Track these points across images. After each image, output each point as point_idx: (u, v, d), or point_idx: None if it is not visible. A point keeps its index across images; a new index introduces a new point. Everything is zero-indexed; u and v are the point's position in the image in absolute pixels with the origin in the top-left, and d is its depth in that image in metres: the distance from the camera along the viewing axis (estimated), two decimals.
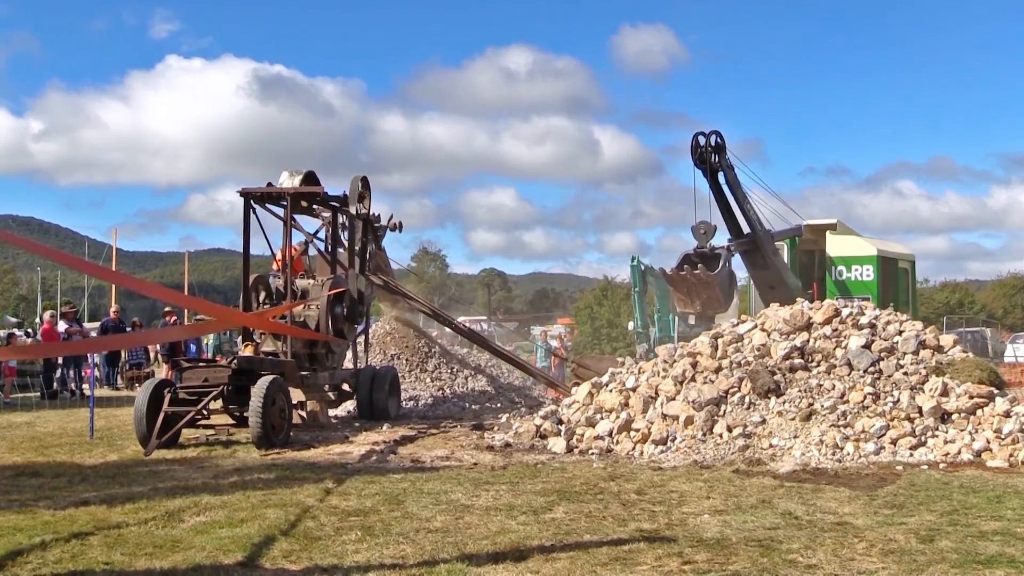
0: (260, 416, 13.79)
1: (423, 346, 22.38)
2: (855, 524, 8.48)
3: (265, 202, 17.01)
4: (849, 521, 8.60)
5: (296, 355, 16.49)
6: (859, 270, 26.28)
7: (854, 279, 26.18)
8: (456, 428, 16.41)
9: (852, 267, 26.35)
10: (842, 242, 26.68)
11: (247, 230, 16.77)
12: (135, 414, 14.34)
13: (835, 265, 26.37)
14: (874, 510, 9.05)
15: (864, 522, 8.55)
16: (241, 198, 16.59)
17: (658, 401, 13.84)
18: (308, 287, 17.47)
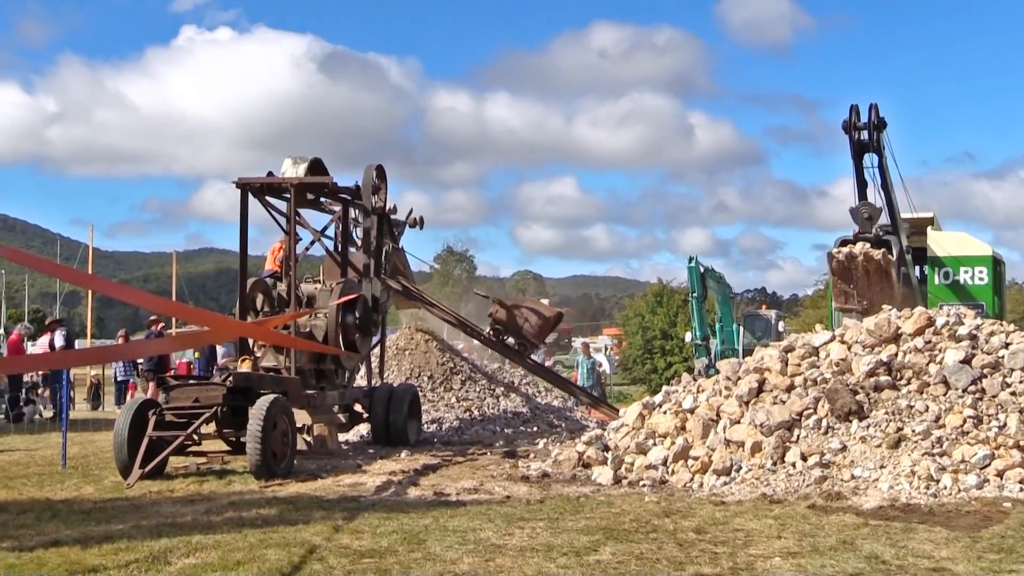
0: (259, 442, 13.81)
1: (447, 361, 22.40)
2: (954, 571, 8.39)
3: (266, 194, 17.07)
4: (947, 567, 8.50)
5: (301, 371, 16.53)
6: (970, 272, 25.49)
7: (964, 283, 25.49)
8: (485, 455, 16.39)
9: (961, 269, 25.64)
10: (949, 240, 25.97)
11: (244, 226, 16.85)
12: (114, 439, 14.37)
13: (941, 266, 25.68)
14: (977, 554, 8.95)
15: (965, 568, 8.45)
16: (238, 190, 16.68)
17: (720, 424, 13.76)
18: (315, 292, 17.52)
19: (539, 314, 21.55)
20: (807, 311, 68.75)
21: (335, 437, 17.44)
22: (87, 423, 21.86)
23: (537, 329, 21.38)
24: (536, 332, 21.39)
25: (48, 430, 21.10)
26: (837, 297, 22.59)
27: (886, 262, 21.39)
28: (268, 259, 19.88)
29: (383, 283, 18.79)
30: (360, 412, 18.28)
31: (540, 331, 21.50)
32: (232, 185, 16.78)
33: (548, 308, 22.40)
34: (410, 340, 22.71)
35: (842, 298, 22.26)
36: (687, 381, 15.92)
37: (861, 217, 22.06)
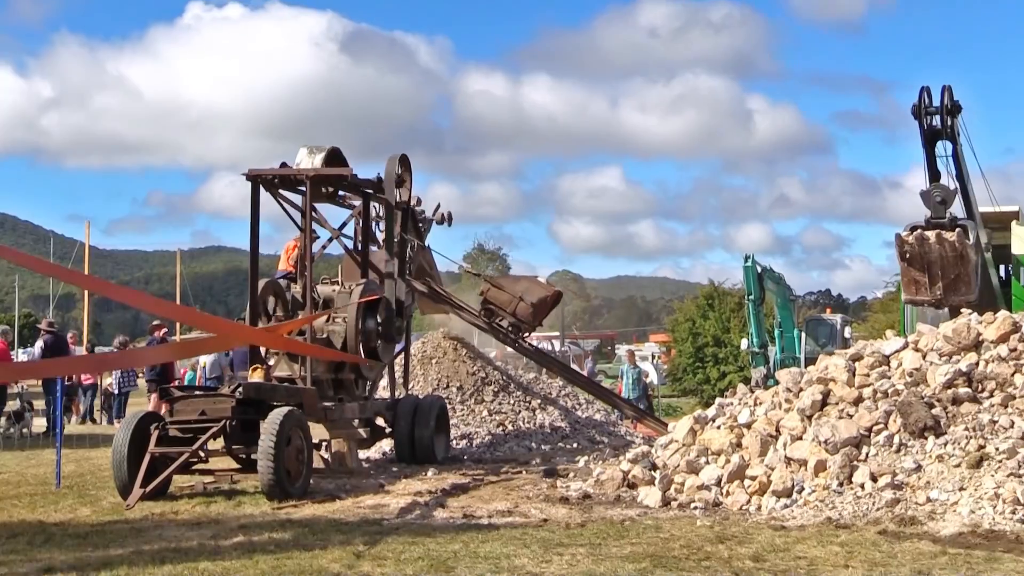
0: (272, 459, 13.85)
1: (478, 370, 22.41)
2: None
3: (279, 187, 17.13)
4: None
5: (318, 381, 16.58)
6: None
7: None
8: (520, 475, 16.39)
9: None
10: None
11: (255, 223, 16.90)
12: (113, 456, 14.46)
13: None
14: None
15: None
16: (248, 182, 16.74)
17: (780, 441, 13.71)
18: (333, 295, 17.57)
19: (535, 292, 21.44)
20: (876, 315, 68.35)
21: (355, 454, 17.48)
22: (83, 438, 21.94)
23: (533, 309, 21.29)
24: (532, 312, 21.31)
25: (41, 446, 21.18)
26: (907, 287, 22.26)
27: (962, 245, 21.10)
28: (281, 258, 19.95)
29: (407, 285, 18.82)
30: (382, 426, 18.32)
31: (537, 311, 21.43)
32: (242, 177, 16.84)
33: (546, 286, 22.24)
34: (437, 347, 22.73)
35: (912, 288, 21.91)
36: (743, 393, 15.87)
37: (933, 200, 21.81)
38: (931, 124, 21.90)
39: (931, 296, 21.50)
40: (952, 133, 21.97)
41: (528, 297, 21.45)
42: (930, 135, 21.98)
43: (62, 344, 26.41)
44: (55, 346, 25.64)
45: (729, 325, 62.63)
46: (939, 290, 21.29)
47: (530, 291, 21.56)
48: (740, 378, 47.52)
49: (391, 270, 18.00)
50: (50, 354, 25.09)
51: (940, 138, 22.10)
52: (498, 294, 21.40)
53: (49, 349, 25.49)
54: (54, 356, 24.43)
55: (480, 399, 21.75)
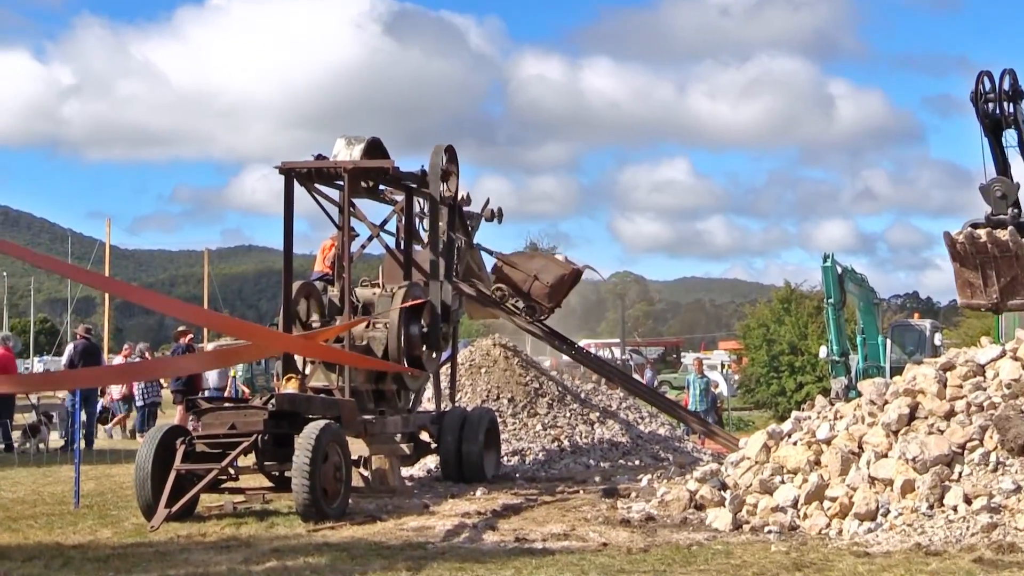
0: (307, 477, 13.90)
1: (531, 380, 22.41)
2: None
3: (315, 181, 17.19)
4: None
5: (357, 392, 16.63)
6: None
7: None
8: (578, 494, 16.38)
9: None
10: None
11: (289, 220, 16.99)
12: (136, 474, 14.54)
13: None
14: None
15: None
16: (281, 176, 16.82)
17: (863, 459, 13.62)
18: (373, 298, 17.62)
19: (552, 271, 21.29)
20: (970, 321, 67.74)
21: (397, 471, 17.52)
22: (104, 454, 22.09)
23: (549, 289, 21.16)
24: (548, 292, 21.18)
25: (58, 462, 21.29)
26: (961, 290, 22.15)
27: (1016, 244, 20.94)
28: (317, 259, 20.02)
29: (454, 287, 18.84)
30: (427, 442, 18.34)
31: (553, 291, 21.30)
32: (276, 171, 16.93)
33: (563, 263, 22.00)
34: (487, 355, 22.75)
35: (967, 290, 21.81)
36: (822, 405, 15.79)
37: (993, 196, 21.67)
38: (990, 111, 21.76)
39: (987, 300, 21.47)
40: (1016, 121, 21.79)
41: (544, 276, 21.27)
42: (992, 124, 21.83)
43: (94, 353, 26.42)
44: (85, 353, 25.63)
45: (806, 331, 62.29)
46: (995, 293, 21.24)
47: (546, 269, 21.40)
48: (818, 389, 47.22)
49: (436, 271, 18.04)
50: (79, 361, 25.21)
51: (1004, 127, 21.95)
52: (511, 273, 21.25)
53: (79, 356, 25.53)
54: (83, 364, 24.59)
55: (533, 412, 21.74)
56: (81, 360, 25.26)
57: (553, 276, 21.42)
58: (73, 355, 25.83)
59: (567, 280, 21.74)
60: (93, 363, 25.38)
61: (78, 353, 25.66)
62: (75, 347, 26.25)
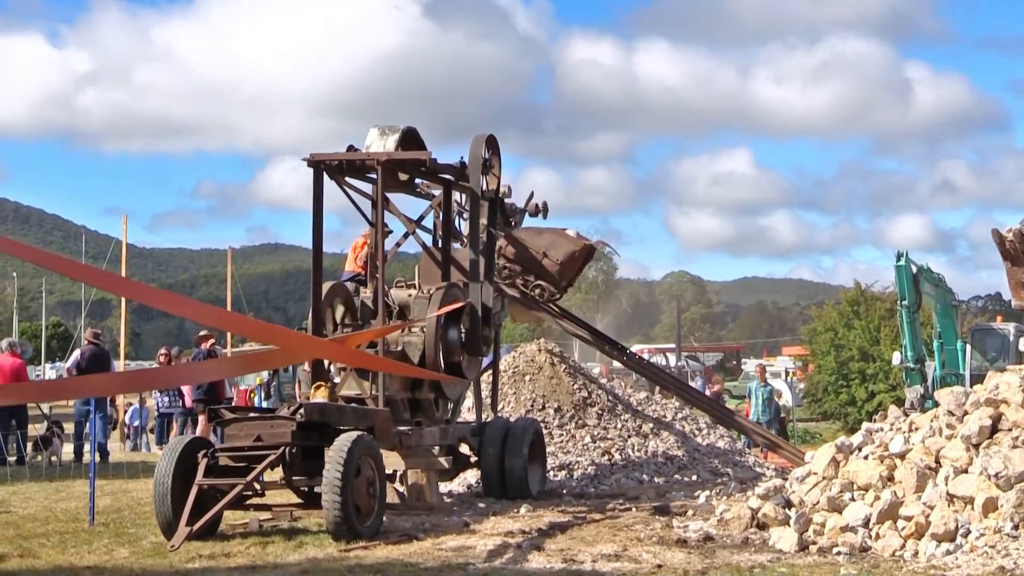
0: (339, 492, 13.91)
1: (580, 388, 22.41)
2: None
3: (346, 174, 17.24)
4: None
5: (392, 402, 16.66)
6: None
7: None
8: (630, 512, 16.36)
9: None
10: None
11: (319, 216, 17.04)
12: (156, 489, 14.57)
13: None
14: None
15: None
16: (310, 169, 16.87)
17: (941, 474, 13.56)
18: (409, 300, 17.64)
19: (562, 247, 21.15)
20: None
21: (435, 487, 17.56)
22: (120, 467, 22.18)
23: (560, 266, 21.02)
24: (559, 270, 21.03)
25: (71, 476, 21.40)
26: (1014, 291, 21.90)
27: None
28: (348, 258, 20.09)
29: (496, 288, 18.86)
30: (467, 455, 18.37)
31: (564, 269, 21.14)
32: (304, 163, 16.97)
33: (574, 239, 21.77)
34: (531, 362, 22.77)
35: (1020, 292, 21.61)
36: (895, 416, 15.72)
37: None
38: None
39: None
40: None
41: (553, 253, 21.10)
42: None
43: (103, 359, 26.25)
44: (93, 360, 25.54)
45: (878, 336, 62.09)
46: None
47: (555, 245, 21.23)
48: (892, 399, 47.08)
49: (476, 271, 18.04)
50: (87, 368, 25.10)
51: None
52: (519, 251, 21.13)
53: (86, 361, 25.47)
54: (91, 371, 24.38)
55: (582, 423, 21.74)
56: (88, 367, 25.15)
57: (563, 253, 21.19)
58: (80, 361, 25.80)
59: (578, 257, 21.49)
60: (101, 370, 25.11)
61: (85, 359, 25.64)
62: (82, 353, 26.22)
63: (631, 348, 21.62)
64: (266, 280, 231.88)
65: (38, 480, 20.99)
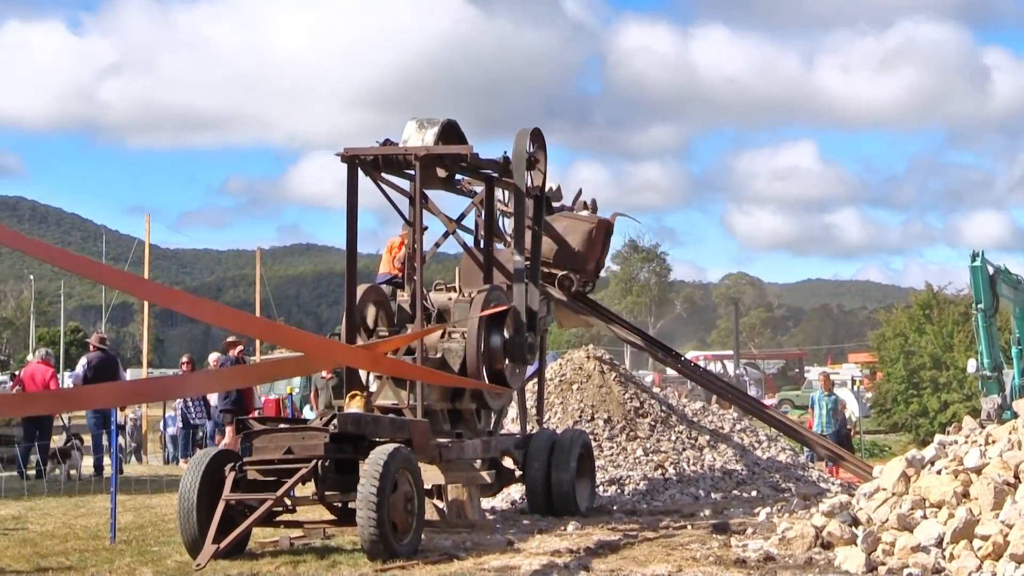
0: (374, 508, 13.92)
1: (631, 398, 22.41)
2: None
3: (382, 170, 17.26)
4: None
5: (431, 412, 16.67)
6: None
7: None
8: (685, 530, 16.34)
9: None
10: None
11: (353, 214, 17.09)
12: (180, 505, 14.62)
13: None
14: None
15: None
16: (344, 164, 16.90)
17: (1020, 490, 13.49)
18: (449, 304, 17.65)
19: (578, 230, 20.93)
20: None
21: (477, 503, 17.57)
22: (143, 482, 22.29)
23: (579, 252, 20.78)
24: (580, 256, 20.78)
25: (92, 491, 21.49)
26: None
27: None
28: (384, 258, 20.10)
29: (542, 291, 18.85)
30: (511, 468, 18.38)
31: (587, 250, 20.89)
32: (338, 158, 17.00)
33: (584, 217, 21.42)
34: (579, 369, 22.77)
35: None
36: (971, 428, 15.66)
37: None
38: None
39: None
40: None
41: (571, 238, 20.91)
42: None
43: (111, 366, 26.03)
44: (100, 367, 25.38)
45: (952, 342, 61.77)
46: None
47: (571, 230, 20.94)
48: (966, 409, 46.80)
49: (521, 272, 18.02)
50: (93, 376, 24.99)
51: None
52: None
53: (93, 370, 25.30)
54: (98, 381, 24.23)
55: (633, 434, 21.73)
56: (95, 376, 24.95)
57: (580, 236, 20.91)
58: (86, 371, 25.53)
59: (596, 236, 21.14)
60: (109, 378, 24.92)
61: (92, 367, 25.42)
62: (88, 360, 25.91)
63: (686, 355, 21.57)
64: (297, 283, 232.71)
65: (56, 495, 21.11)
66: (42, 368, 25.36)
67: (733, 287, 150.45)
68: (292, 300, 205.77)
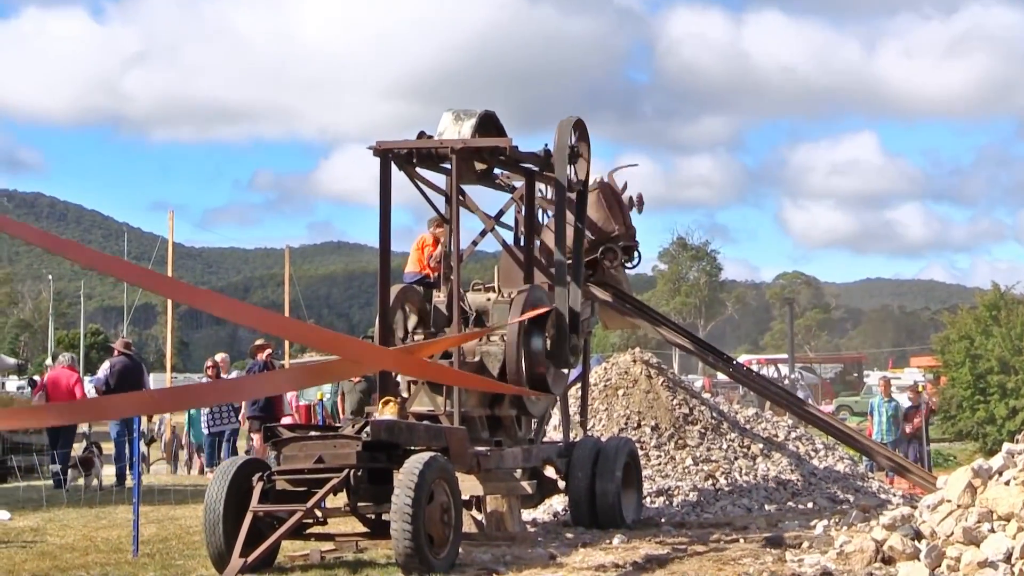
0: (409, 521, 13.93)
1: (680, 404, 22.39)
2: None
3: (416, 164, 17.28)
4: None
5: (468, 419, 16.69)
6: None
7: None
8: (738, 543, 16.33)
9: None
10: None
11: (386, 210, 17.11)
12: (205, 516, 14.68)
13: None
14: None
15: None
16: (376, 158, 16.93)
17: None
18: (487, 305, 17.66)
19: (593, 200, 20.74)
20: None
21: (517, 514, 17.58)
22: (167, 493, 22.37)
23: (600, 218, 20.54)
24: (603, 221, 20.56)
25: (113, 502, 21.54)
26: None
27: None
28: (412, 257, 19.94)
29: (585, 292, 18.84)
30: (553, 478, 18.38)
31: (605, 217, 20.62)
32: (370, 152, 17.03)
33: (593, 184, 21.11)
34: (625, 374, 22.77)
35: None
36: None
37: None
38: None
39: None
40: None
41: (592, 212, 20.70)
42: None
43: (135, 373, 26.01)
44: (124, 374, 25.37)
45: (1021, 345, 61.48)
46: None
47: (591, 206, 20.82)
48: None
49: (563, 272, 18.01)
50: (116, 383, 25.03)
51: None
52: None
53: (116, 376, 25.29)
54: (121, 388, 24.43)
55: (682, 443, 21.72)
56: (118, 384, 24.97)
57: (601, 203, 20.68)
58: (108, 377, 25.56)
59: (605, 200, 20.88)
60: (133, 385, 25.10)
61: (114, 373, 25.42)
62: (111, 366, 25.98)
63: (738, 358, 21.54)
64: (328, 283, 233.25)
65: (76, 506, 21.14)
66: (66, 373, 25.47)
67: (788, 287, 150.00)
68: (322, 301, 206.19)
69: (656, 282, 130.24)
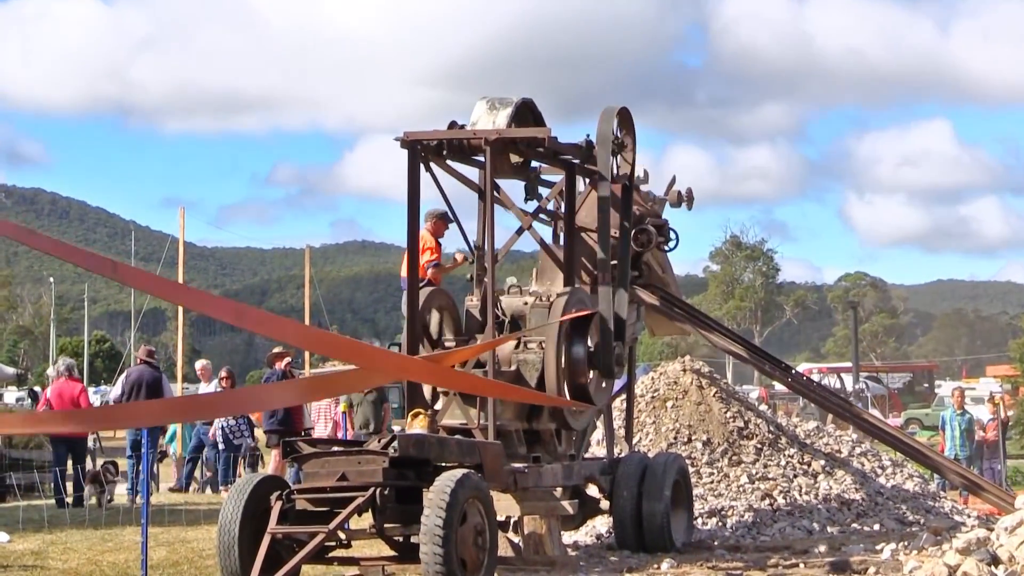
0: (441, 543, 13.93)
1: (734, 417, 22.37)
2: None
3: (447, 156, 17.29)
4: None
5: (504, 433, 16.69)
6: None
7: None
8: (798, 568, 16.31)
9: None
10: None
11: (414, 207, 17.13)
12: (220, 538, 14.74)
13: None
14: None
15: None
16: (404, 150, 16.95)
17: None
18: (524, 310, 17.64)
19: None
20: None
21: (557, 536, 17.58)
22: (178, 513, 22.41)
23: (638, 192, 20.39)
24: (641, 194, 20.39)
25: (120, 523, 21.59)
26: None
27: None
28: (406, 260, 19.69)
29: (631, 295, 18.84)
30: (596, 498, 18.38)
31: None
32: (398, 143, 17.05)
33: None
34: (674, 384, 22.76)
35: None
36: None
37: None
38: None
39: None
40: None
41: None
42: None
43: (156, 383, 26.15)
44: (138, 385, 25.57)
45: None
46: None
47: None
48: None
49: (606, 273, 18.01)
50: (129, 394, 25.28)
51: None
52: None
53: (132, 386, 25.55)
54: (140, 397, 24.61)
55: (737, 459, 21.70)
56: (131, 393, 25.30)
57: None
58: (125, 387, 25.90)
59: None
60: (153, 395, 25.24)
61: (129, 383, 25.78)
62: (128, 375, 26.37)
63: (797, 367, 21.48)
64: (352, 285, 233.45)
65: (81, 527, 21.13)
66: (70, 385, 25.53)
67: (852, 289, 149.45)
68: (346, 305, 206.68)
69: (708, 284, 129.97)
